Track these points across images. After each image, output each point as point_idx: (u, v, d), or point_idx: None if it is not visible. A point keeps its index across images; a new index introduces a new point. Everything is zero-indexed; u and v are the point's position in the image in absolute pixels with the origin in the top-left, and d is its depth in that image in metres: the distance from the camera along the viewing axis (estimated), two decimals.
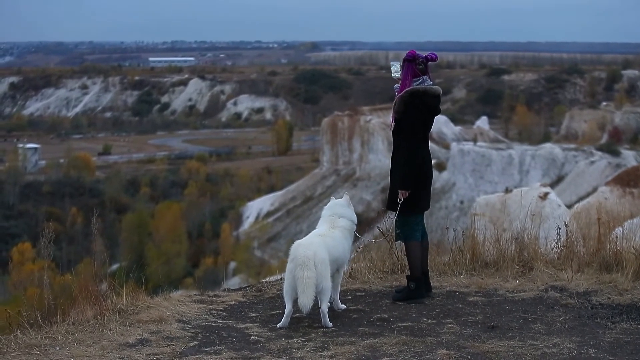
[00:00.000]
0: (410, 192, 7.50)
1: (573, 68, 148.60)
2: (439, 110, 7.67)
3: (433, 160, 7.94)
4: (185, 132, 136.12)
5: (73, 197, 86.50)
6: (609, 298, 7.51)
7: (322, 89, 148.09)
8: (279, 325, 6.83)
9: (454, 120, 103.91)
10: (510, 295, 7.72)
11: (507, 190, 62.49)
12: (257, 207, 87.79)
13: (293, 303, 6.79)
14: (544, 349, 6.19)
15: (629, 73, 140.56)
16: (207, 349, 6.28)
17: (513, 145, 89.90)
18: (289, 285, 6.78)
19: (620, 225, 8.92)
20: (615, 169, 74.35)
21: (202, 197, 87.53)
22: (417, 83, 7.52)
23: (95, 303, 6.94)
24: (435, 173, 46.95)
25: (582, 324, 6.85)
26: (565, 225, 8.62)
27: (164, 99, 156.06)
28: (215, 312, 7.37)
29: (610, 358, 6.05)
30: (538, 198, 45.05)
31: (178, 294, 7.95)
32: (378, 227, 8.54)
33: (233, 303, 7.67)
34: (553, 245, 8.73)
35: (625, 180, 59.23)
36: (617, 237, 8.48)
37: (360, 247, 8.68)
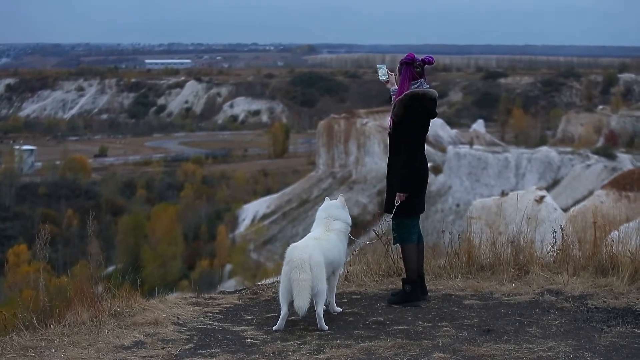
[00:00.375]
0: (408, 194, 7.51)
1: (569, 71, 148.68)
2: (436, 114, 7.68)
3: (429, 164, 7.95)
4: (182, 134, 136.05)
5: (69, 199, 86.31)
6: (605, 302, 7.51)
7: (318, 92, 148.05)
8: (275, 328, 6.82)
9: (450, 123, 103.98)
10: (506, 299, 7.72)
11: (503, 194, 62.67)
12: (253, 209, 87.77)
13: (289, 306, 6.79)
14: (540, 353, 6.19)
15: (626, 76, 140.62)
16: (202, 352, 6.28)
17: (509, 149, 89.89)
18: (285, 288, 6.78)
19: (616, 229, 8.91)
20: (611, 173, 74.45)
21: (198, 199, 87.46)
22: (415, 86, 7.53)
23: (91, 305, 6.94)
24: (432, 176, 46.97)
25: (577, 328, 6.85)
26: (561, 229, 8.63)
27: (160, 101, 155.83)
28: (211, 314, 7.36)
29: None
30: (534, 201, 45.04)
31: (174, 297, 7.94)
32: (374, 230, 8.54)
33: (229, 306, 7.66)
34: (549, 249, 8.74)
35: (621, 184, 59.31)
36: (613, 240, 8.48)
37: (356, 250, 8.68)
